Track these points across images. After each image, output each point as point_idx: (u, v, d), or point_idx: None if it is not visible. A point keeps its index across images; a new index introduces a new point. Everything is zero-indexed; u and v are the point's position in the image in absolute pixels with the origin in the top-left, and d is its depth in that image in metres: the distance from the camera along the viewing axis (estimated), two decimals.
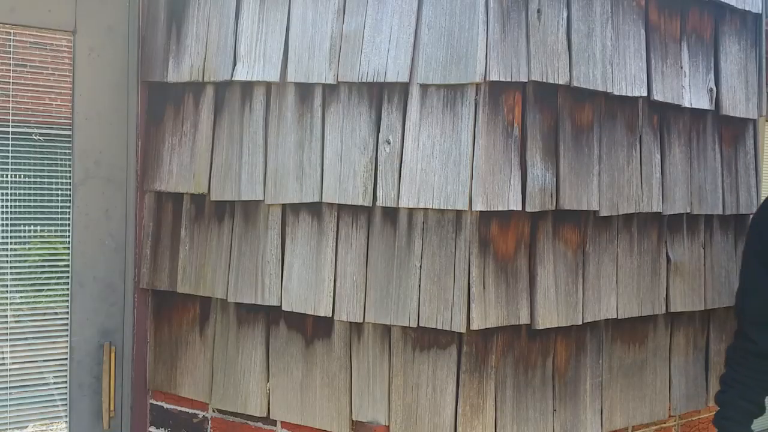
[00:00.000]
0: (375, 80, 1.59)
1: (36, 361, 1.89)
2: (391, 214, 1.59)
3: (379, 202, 1.59)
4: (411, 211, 1.56)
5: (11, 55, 1.84)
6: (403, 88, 1.57)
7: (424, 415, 1.55)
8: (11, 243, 1.85)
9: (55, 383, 1.91)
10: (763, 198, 1.90)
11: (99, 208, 1.92)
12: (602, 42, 1.64)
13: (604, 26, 1.65)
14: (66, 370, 1.91)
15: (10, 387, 1.86)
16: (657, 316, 1.84)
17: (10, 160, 1.84)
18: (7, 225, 1.85)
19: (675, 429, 1.99)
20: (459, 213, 1.50)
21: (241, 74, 1.75)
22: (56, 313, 1.91)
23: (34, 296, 1.90)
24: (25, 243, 1.88)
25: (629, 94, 1.69)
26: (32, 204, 1.88)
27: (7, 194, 1.85)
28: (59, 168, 1.90)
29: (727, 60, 1.91)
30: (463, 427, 1.52)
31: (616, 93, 1.67)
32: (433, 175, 1.52)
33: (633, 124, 1.73)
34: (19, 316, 1.88)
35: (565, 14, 1.60)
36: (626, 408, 1.79)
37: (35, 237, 1.89)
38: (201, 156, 1.84)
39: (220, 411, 1.85)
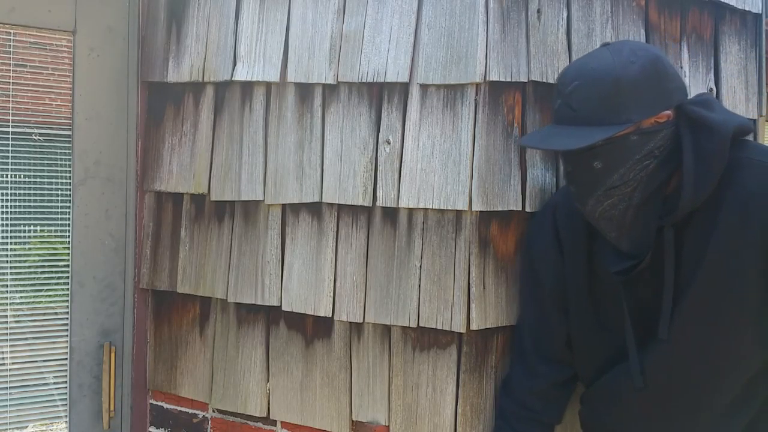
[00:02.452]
0: (375, 80, 1.59)
1: (36, 361, 1.89)
2: (391, 214, 1.59)
3: (379, 202, 1.59)
4: (411, 211, 1.56)
5: (11, 55, 1.84)
6: (403, 88, 1.57)
7: (424, 415, 1.55)
8: (11, 243, 1.85)
9: (55, 383, 1.91)
10: None
11: (99, 208, 1.92)
12: (602, 42, 1.64)
13: (604, 26, 1.65)
14: (66, 370, 1.91)
15: (10, 387, 1.86)
16: None
17: (10, 160, 1.84)
18: (7, 225, 1.85)
19: None
20: (459, 213, 1.50)
21: (241, 74, 1.75)
22: (56, 313, 1.91)
23: (34, 296, 1.90)
24: (25, 243, 1.88)
25: None
26: (32, 204, 1.88)
27: (7, 194, 1.85)
28: (59, 168, 1.90)
29: (727, 60, 1.91)
30: (463, 427, 1.52)
31: None
32: (433, 175, 1.52)
33: None
34: (19, 316, 1.88)
35: (565, 14, 1.60)
36: None
37: (35, 237, 1.89)
38: (201, 156, 1.84)
39: (220, 411, 1.85)
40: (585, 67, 1.27)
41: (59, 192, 1.90)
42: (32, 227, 1.89)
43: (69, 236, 1.90)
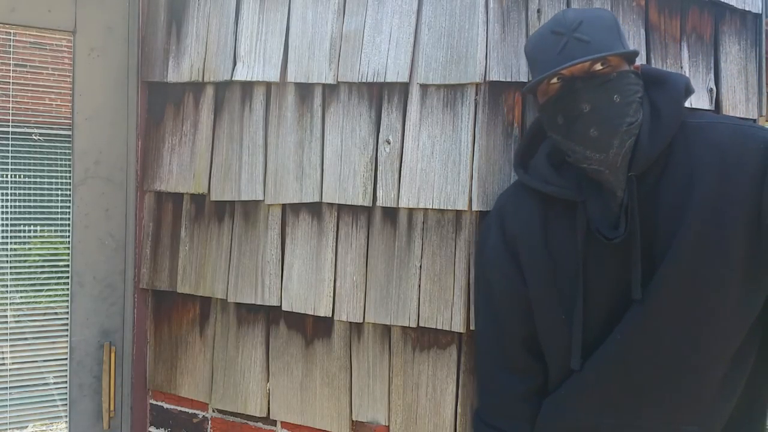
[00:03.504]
0: (375, 80, 1.59)
1: (36, 361, 1.89)
2: (391, 214, 1.59)
3: (379, 202, 1.59)
4: (411, 211, 1.56)
5: (11, 55, 1.84)
6: (403, 88, 1.57)
7: (424, 415, 1.55)
8: (11, 243, 1.85)
9: (55, 383, 1.91)
10: None
11: (99, 208, 1.92)
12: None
13: None
14: (66, 370, 1.91)
15: (10, 387, 1.86)
16: None
17: (10, 160, 1.84)
18: (7, 225, 1.85)
19: None
20: (459, 213, 1.50)
21: (241, 74, 1.75)
22: (56, 313, 1.91)
23: (34, 296, 1.90)
24: (25, 243, 1.88)
25: None
26: (32, 204, 1.88)
27: (7, 194, 1.85)
28: (59, 168, 1.90)
29: (727, 60, 1.91)
30: (463, 427, 1.52)
31: None
32: (433, 175, 1.52)
33: None
34: (19, 316, 1.88)
35: None
36: None
37: (35, 237, 1.89)
38: (201, 156, 1.84)
39: (220, 411, 1.85)
40: (582, 11, 1.30)
41: (59, 192, 1.90)
42: (32, 227, 1.89)
43: (69, 236, 1.90)
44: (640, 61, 1.72)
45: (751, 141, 1.24)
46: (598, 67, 1.25)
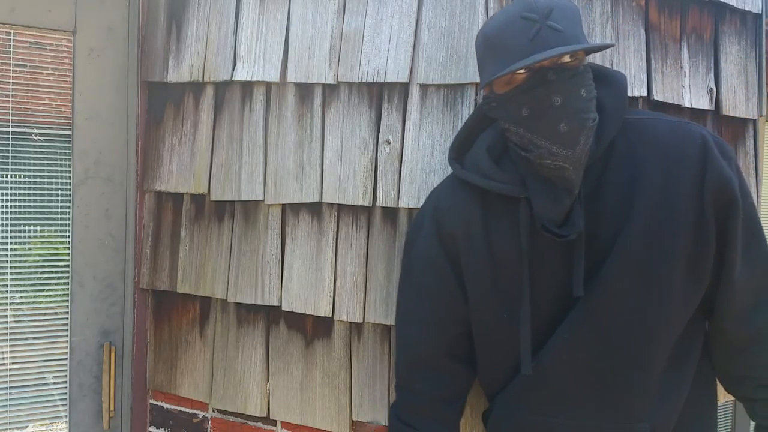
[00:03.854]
0: (375, 80, 1.59)
1: (36, 361, 1.89)
2: (391, 214, 1.59)
3: (379, 202, 1.59)
4: (411, 211, 1.56)
5: (11, 55, 1.84)
6: (403, 88, 1.57)
7: None
8: (11, 243, 1.85)
9: (55, 383, 1.91)
10: (762, 196, 1.88)
11: (99, 208, 1.92)
12: (602, 42, 1.64)
13: (604, 26, 1.65)
14: (66, 370, 1.91)
15: (10, 387, 1.86)
16: None
17: (10, 160, 1.84)
18: (7, 225, 1.85)
19: None
20: None
21: (241, 74, 1.75)
22: (56, 313, 1.91)
23: (34, 296, 1.90)
24: (25, 243, 1.88)
25: (629, 94, 1.69)
26: (32, 204, 1.88)
27: (7, 194, 1.85)
28: (59, 168, 1.90)
29: (727, 60, 1.91)
30: (463, 427, 1.52)
31: None
32: (433, 175, 1.52)
33: None
34: (19, 316, 1.88)
35: None
36: None
37: (35, 237, 1.89)
38: (201, 156, 1.84)
39: (220, 411, 1.85)
40: None
41: (59, 192, 1.90)
42: (32, 227, 1.89)
43: (69, 236, 1.90)
44: (641, 61, 1.72)
45: (690, 137, 1.25)
46: (567, 59, 1.19)
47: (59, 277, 1.91)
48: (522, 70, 1.20)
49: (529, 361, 1.27)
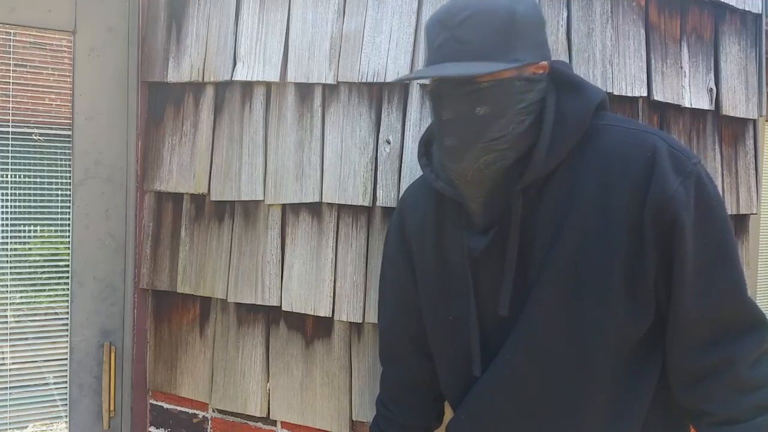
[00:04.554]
0: (375, 80, 1.59)
1: (36, 361, 1.89)
2: (391, 214, 1.59)
3: (379, 202, 1.59)
4: None
5: (11, 55, 1.84)
6: (403, 88, 1.57)
7: None
8: (11, 243, 1.85)
9: (55, 383, 1.91)
10: (762, 196, 1.88)
11: (99, 208, 1.92)
12: (602, 42, 1.64)
13: (604, 26, 1.65)
14: (66, 370, 1.91)
15: (10, 387, 1.86)
16: None
17: (10, 160, 1.84)
18: (7, 225, 1.85)
19: None
20: None
21: (241, 74, 1.75)
22: (56, 313, 1.91)
23: (35, 296, 1.90)
24: (25, 243, 1.88)
25: (629, 94, 1.69)
26: (32, 204, 1.88)
27: (7, 194, 1.85)
28: (59, 168, 1.90)
29: (727, 60, 1.91)
30: None
31: (616, 93, 1.67)
32: None
33: None
34: (19, 316, 1.88)
35: (565, 14, 1.60)
36: None
37: (35, 237, 1.89)
38: (201, 156, 1.84)
39: (220, 411, 1.85)
40: (472, 1, 1.13)
41: (59, 192, 1.90)
42: (32, 227, 1.89)
43: (69, 236, 1.90)
44: (641, 61, 1.72)
45: (640, 148, 1.14)
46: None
47: (59, 277, 1.91)
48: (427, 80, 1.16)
49: (479, 361, 1.24)
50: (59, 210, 1.90)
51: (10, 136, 1.84)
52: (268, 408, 1.76)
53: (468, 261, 1.23)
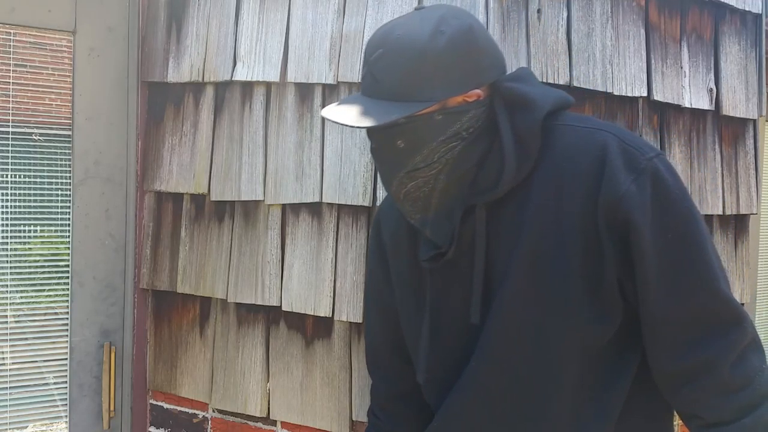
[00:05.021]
0: None
1: (36, 361, 1.89)
2: None
3: (379, 202, 1.59)
4: None
5: (11, 55, 1.84)
6: None
7: None
8: (11, 243, 1.85)
9: (55, 383, 1.91)
10: (762, 196, 1.88)
11: (99, 208, 1.92)
12: (602, 42, 1.64)
13: (604, 26, 1.65)
14: (66, 370, 1.91)
15: (10, 387, 1.86)
16: None
17: (10, 160, 1.84)
18: (7, 225, 1.85)
19: None
20: None
21: (241, 74, 1.75)
22: (56, 313, 1.91)
23: (35, 296, 1.90)
24: (25, 243, 1.88)
25: (629, 94, 1.69)
26: (32, 204, 1.88)
27: (7, 194, 1.85)
28: (59, 168, 1.90)
29: (727, 60, 1.91)
30: None
31: (616, 93, 1.67)
32: None
33: (633, 124, 1.73)
34: (19, 316, 1.88)
35: (565, 14, 1.60)
36: None
37: (35, 237, 1.89)
38: (201, 156, 1.84)
39: (220, 411, 1.85)
40: (390, 34, 1.12)
41: (59, 192, 1.90)
42: (32, 227, 1.89)
43: (69, 236, 1.90)
44: (641, 61, 1.72)
45: (592, 147, 1.11)
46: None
47: (59, 277, 1.91)
48: None
49: (424, 370, 1.24)
50: (59, 210, 1.90)
51: (10, 136, 1.84)
52: (268, 408, 1.76)
53: (426, 271, 1.24)
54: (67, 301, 1.91)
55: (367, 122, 1.09)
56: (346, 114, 1.12)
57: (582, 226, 1.10)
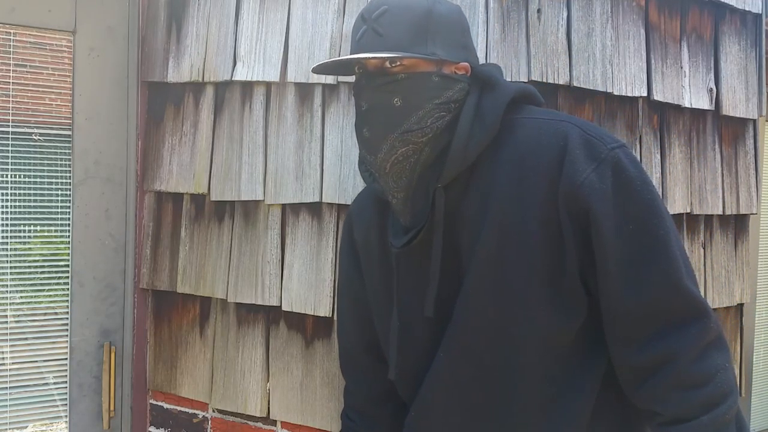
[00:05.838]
0: None
1: (36, 361, 1.89)
2: None
3: None
4: None
5: (11, 55, 1.84)
6: None
7: None
8: (11, 243, 1.85)
9: (55, 383, 1.91)
10: (762, 196, 1.88)
11: (99, 208, 1.92)
12: (602, 42, 1.64)
13: (604, 26, 1.65)
14: (66, 370, 1.91)
15: (10, 387, 1.86)
16: None
17: (10, 160, 1.84)
18: (7, 225, 1.85)
19: None
20: None
21: (241, 74, 1.75)
22: (56, 313, 1.91)
23: (34, 296, 1.90)
24: (25, 243, 1.88)
25: (629, 94, 1.69)
26: (32, 204, 1.88)
27: (7, 194, 1.85)
28: (59, 168, 1.90)
29: (727, 60, 1.91)
30: None
31: (616, 93, 1.67)
32: None
33: (633, 124, 1.73)
34: (19, 316, 1.88)
35: (565, 14, 1.60)
36: None
37: (35, 237, 1.89)
38: (201, 156, 1.84)
39: (220, 411, 1.85)
40: None
41: (59, 192, 1.90)
42: (32, 227, 1.89)
43: (69, 236, 1.90)
44: (641, 61, 1.72)
45: (553, 138, 1.12)
46: (388, 64, 1.14)
47: (59, 277, 1.91)
48: (357, 68, 1.19)
49: (395, 365, 1.25)
50: (59, 210, 1.90)
51: (10, 136, 1.84)
52: (268, 408, 1.76)
53: (395, 262, 1.23)
54: (67, 301, 1.91)
55: (379, 54, 1.11)
56: (346, 55, 1.14)
57: (544, 217, 1.10)
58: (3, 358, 1.85)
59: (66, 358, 1.91)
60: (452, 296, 1.18)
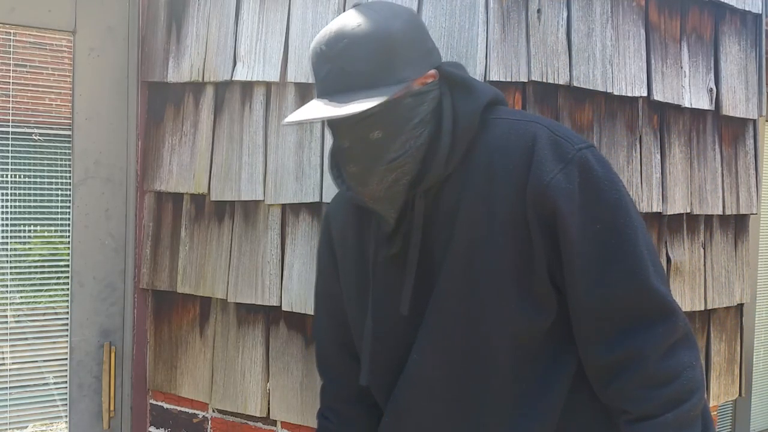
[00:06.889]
0: None
1: (36, 361, 1.89)
2: None
3: None
4: None
5: (11, 55, 1.84)
6: None
7: None
8: (11, 243, 1.85)
9: (55, 383, 1.91)
10: (762, 196, 1.88)
11: (99, 208, 1.92)
12: (602, 42, 1.64)
13: (604, 26, 1.65)
14: (66, 370, 1.91)
15: (10, 387, 1.86)
16: None
17: (10, 160, 1.84)
18: (7, 225, 1.85)
19: None
20: None
21: (241, 74, 1.75)
22: (56, 313, 1.91)
23: (34, 296, 1.90)
24: (25, 243, 1.88)
25: (629, 94, 1.69)
26: (32, 204, 1.88)
27: (7, 194, 1.85)
28: (59, 168, 1.90)
29: (727, 60, 1.91)
30: None
31: (616, 93, 1.67)
32: None
33: (633, 124, 1.73)
34: (19, 316, 1.88)
35: (565, 14, 1.60)
36: None
37: (35, 237, 1.89)
38: (201, 156, 1.84)
39: (220, 411, 1.85)
40: (346, 27, 1.11)
41: (59, 192, 1.90)
42: (32, 227, 1.89)
43: (69, 236, 1.90)
44: (641, 61, 1.72)
45: (522, 139, 1.12)
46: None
47: (59, 277, 1.91)
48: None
49: (367, 371, 1.24)
50: (59, 210, 1.90)
51: (10, 136, 1.84)
52: (268, 408, 1.76)
53: (372, 265, 1.24)
54: (67, 301, 1.91)
55: (353, 110, 1.05)
56: (319, 110, 1.09)
57: (513, 218, 1.11)
58: (3, 358, 1.85)
59: (66, 358, 1.91)
60: (426, 295, 1.19)
